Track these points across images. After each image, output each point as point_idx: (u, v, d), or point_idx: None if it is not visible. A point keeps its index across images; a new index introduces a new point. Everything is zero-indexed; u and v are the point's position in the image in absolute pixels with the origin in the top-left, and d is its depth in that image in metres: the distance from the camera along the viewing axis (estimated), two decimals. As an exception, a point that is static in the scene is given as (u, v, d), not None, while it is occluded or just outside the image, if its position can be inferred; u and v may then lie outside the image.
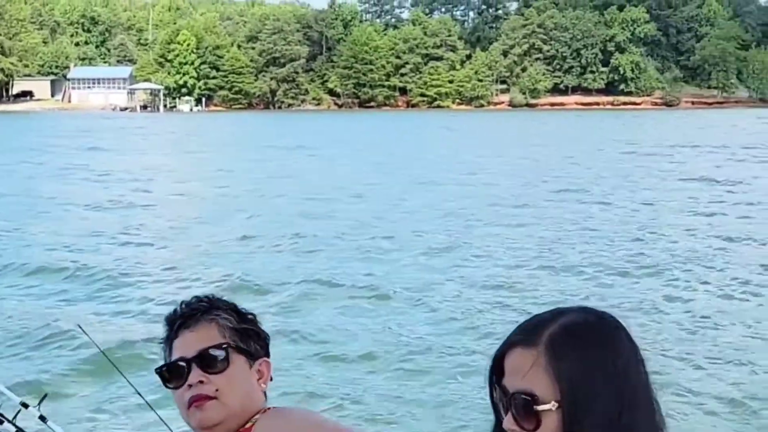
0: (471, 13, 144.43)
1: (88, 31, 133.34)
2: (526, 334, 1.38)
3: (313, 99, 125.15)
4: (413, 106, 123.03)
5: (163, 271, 14.95)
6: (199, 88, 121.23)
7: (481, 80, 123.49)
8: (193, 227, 20.50)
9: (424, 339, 10.75)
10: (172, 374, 1.96)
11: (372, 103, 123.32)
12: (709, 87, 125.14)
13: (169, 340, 2.01)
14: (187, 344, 1.96)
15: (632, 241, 17.93)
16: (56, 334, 10.52)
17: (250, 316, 2.05)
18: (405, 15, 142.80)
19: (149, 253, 16.77)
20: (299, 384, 8.81)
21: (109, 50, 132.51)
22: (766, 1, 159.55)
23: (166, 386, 1.99)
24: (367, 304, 12.47)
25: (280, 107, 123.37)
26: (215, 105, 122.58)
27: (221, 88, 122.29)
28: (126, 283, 13.89)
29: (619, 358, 1.35)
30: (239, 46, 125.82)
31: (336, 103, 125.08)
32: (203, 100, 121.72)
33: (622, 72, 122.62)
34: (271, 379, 2.04)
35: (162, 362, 2.01)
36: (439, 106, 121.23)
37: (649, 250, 16.59)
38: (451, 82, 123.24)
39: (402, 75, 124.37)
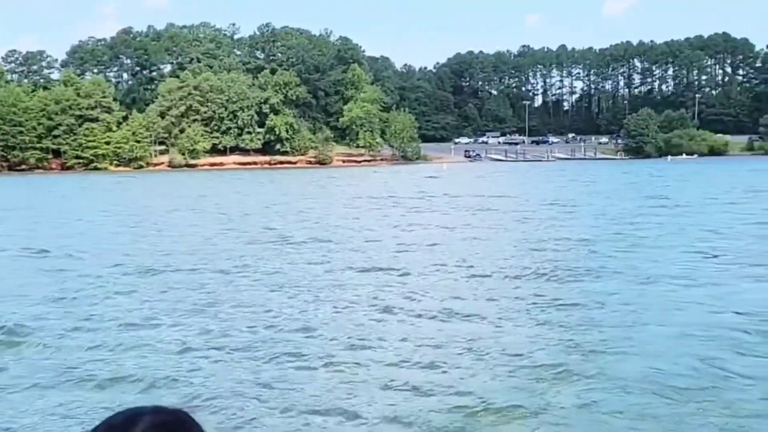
0: (125, 75, 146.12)
1: None
2: None
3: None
4: (68, 168, 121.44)
5: None
6: None
7: (139, 141, 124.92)
8: None
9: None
10: None
11: (23, 166, 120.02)
12: (357, 146, 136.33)
13: None
14: None
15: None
16: None
17: None
18: (55, 75, 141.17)
19: None
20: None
21: None
22: (400, 67, 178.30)
23: None
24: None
25: None
26: None
27: None
28: None
29: None
30: None
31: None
32: None
33: (277, 133, 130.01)
34: None
35: None
36: (96, 168, 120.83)
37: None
38: (108, 143, 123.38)
39: (55, 137, 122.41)
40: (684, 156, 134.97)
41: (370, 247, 26.25)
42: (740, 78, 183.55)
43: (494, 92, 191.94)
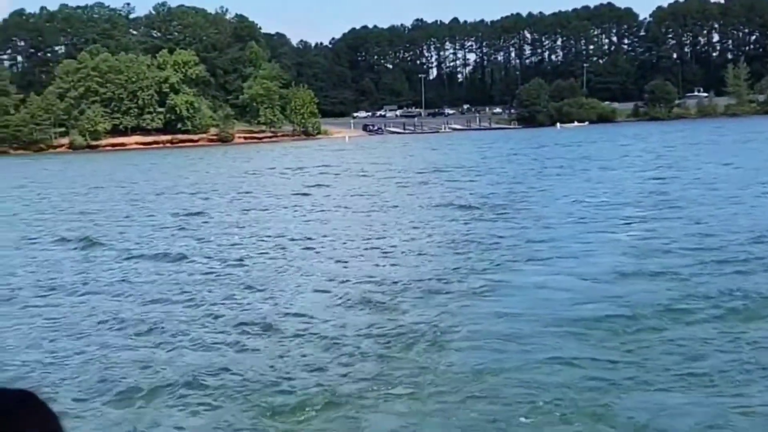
0: (19, 57, 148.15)
1: None
2: None
3: None
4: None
5: None
6: None
7: (38, 124, 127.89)
8: None
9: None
10: None
11: None
12: (258, 123, 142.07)
13: None
14: None
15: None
16: None
17: None
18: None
19: None
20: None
21: None
22: (297, 43, 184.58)
23: None
24: None
25: None
26: None
27: None
28: None
29: None
30: None
31: None
32: None
33: (178, 111, 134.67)
34: None
35: None
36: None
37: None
38: (6, 127, 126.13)
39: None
40: (575, 123, 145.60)
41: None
42: (625, 47, 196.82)
43: (390, 66, 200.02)
